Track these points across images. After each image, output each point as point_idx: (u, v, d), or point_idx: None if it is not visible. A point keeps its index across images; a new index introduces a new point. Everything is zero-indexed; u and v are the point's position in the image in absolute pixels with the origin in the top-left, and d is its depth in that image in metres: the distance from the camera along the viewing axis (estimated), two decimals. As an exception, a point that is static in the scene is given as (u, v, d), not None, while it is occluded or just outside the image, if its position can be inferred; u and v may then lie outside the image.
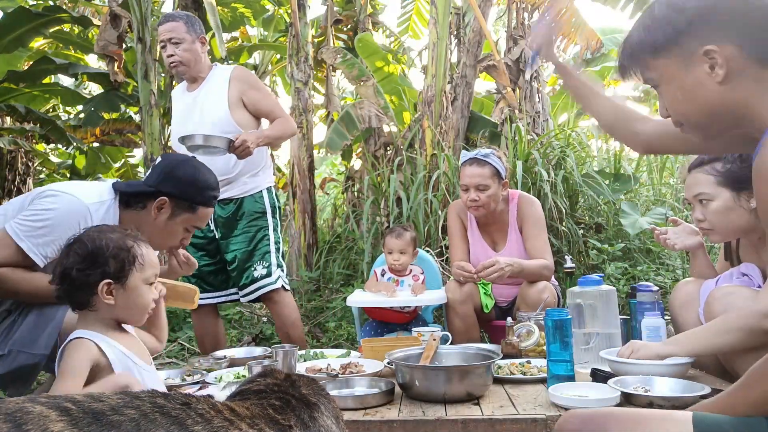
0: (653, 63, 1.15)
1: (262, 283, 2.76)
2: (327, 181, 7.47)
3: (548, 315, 1.83)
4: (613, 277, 3.73)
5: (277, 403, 0.94)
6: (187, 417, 0.76)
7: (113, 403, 0.72)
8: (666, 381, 1.65)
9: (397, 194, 4.49)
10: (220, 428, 0.77)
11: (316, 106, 6.94)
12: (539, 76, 5.50)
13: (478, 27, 5.21)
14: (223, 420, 0.79)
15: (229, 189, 2.76)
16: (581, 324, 2.10)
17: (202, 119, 2.74)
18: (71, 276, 1.44)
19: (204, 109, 2.77)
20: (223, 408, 0.83)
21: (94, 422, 0.68)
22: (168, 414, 0.74)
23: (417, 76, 10.13)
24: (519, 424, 1.55)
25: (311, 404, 0.98)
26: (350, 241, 4.92)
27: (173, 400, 0.78)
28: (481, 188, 2.70)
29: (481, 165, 2.71)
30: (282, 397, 0.96)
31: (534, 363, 2.07)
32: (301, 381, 1.05)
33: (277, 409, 0.92)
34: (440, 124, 5.00)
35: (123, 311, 1.49)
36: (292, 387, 1.01)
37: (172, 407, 0.76)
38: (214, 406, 0.82)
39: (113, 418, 0.69)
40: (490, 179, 2.70)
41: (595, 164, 5.09)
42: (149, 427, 0.71)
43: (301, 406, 0.96)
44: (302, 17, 5.31)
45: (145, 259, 1.50)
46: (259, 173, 2.84)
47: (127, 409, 0.71)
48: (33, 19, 5.83)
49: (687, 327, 1.99)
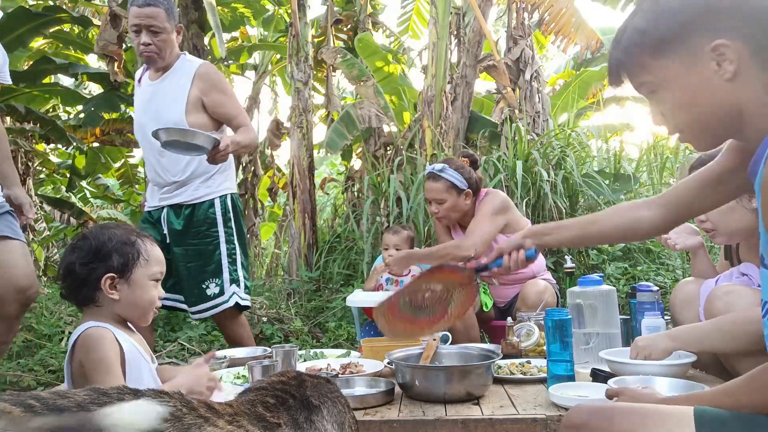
0: (652, 64, 1.05)
1: (214, 302, 2.57)
2: (327, 181, 7.48)
3: (548, 315, 1.82)
4: (613, 277, 3.73)
5: (271, 401, 0.92)
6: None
7: (79, 400, 0.70)
8: (666, 381, 1.65)
9: (397, 194, 4.49)
10: (191, 426, 0.75)
11: (316, 106, 6.94)
12: (539, 76, 5.50)
13: (478, 27, 5.21)
14: (197, 417, 0.77)
15: (180, 194, 2.58)
16: (581, 324, 2.10)
17: (157, 116, 2.54)
18: (75, 271, 1.44)
19: (160, 106, 2.57)
20: (199, 406, 0.81)
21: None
22: None
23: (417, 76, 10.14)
24: (519, 424, 1.55)
25: (312, 406, 0.96)
26: (350, 241, 4.92)
27: (143, 397, 0.76)
28: (438, 202, 2.78)
29: (435, 179, 2.78)
30: (279, 395, 0.95)
31: (534, 363, 2.06)
32: (311, 382, 1.04)
33: (269, 407, 0.91)
34: (440, 124, 5.00)
35: (127, 307, 1.48)
36: (299, 387, 1.00)
37: None
38: (188, 403, 0.80)
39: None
40: (445, 193, 2.76)
41: (595, 164, 5.09)
42: None
43: (299, 407, 0.95)
44: (302, 17, 5.31)
45: (150, 255, 1.49)
46: (213, 177, 2.60)
47: (93, 405, 0.70)
48: (33, 19, 5.83)
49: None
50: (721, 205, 1.37)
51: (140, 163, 7.97)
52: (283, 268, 5.70)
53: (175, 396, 0.80)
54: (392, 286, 2.87)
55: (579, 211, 4.41)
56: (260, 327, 4.09)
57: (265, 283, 5.53)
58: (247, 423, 0.84)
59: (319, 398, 1.00)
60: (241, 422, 0.83)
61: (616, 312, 2.15)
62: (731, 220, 1.85)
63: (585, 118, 7.82)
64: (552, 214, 3.98)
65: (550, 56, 11.97)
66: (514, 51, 5.46)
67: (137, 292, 1.47)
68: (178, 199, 2.58)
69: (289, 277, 5.08)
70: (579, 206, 4.46)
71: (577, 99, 6.34)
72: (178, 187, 2.58)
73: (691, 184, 1.32)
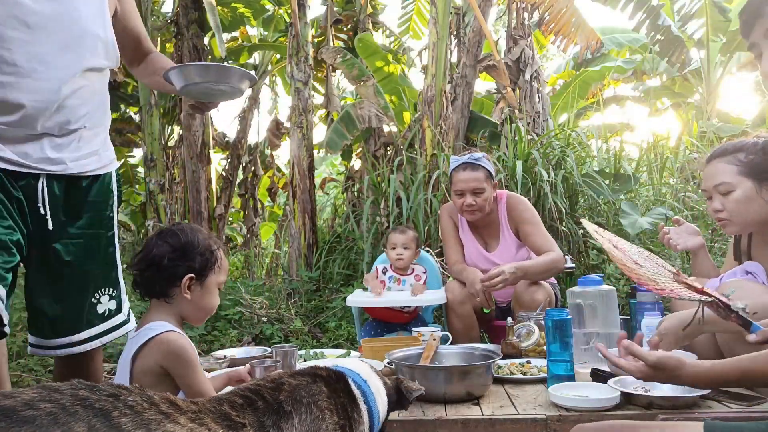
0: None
1: (109, 324, 1.72)
2: (327, 181, 7.47)
3: (548, 315, 1.83)
4: (613, 277, 3.72)
5: (239, 401, 0.91)
6: (113, 408, 0.72)
7: (27, 398, 0.68)
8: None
9: (397, 194, 4.49)
10: (151, 421, 0.74)
11: (316, 106, 6.94)
12: (539, 76, 5.50)
13: (478, 27, 5.21)
14: (157, 413, 0.76)
15: (64, 149, 1.60)
16: (581, 324, 2.10)
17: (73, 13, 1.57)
18: (162, 264, 1.47)
19: (74, 19, 1.57)
20: (160, 402, 0.79)
21: (2, 419, 0.64)
22: (91, 406, 0.71)
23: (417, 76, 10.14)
24: (519, 424, 1.55)
25: (283, 411, 0.94)
26: (350, 241, 4.92)
27: (99, 392, 0.74)
28: (477, 192, 2.69)
29: (474, 169, 2.70)
30: (248, 396, 0.94)
31: (534, 363, 2.07)
32: (290, 385, 1.01)
33: (235, 406, 0.89)
34: (440, 124, 5.00)
35: (194, 308, 1.53)
36: (274, 390, 0.98)
37: (97, 399, 0.72)
38: (149, 398, 0.78)
39: (26, 414, 0.66)
40: (485, 182, 2.70)
41: (595, 164, 5.08)
42: (68, 420, 0.67)
43: (267, 410, 0.93)
44: (302, 17, 5.31)
45: (222, 264, 1.57)
46: (107, 139, 1.78)
47: (43, 403, 0.68)
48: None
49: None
50: None
51: (139, 163, 7.97)
52: (283, 268, 5.70)
53: (135, 391, 0.79)
54: (395, 284, 2.87)
55: (579, 211, 4.41)
56: (260, 327, 4.09)
57: (265, 283, 5.53)
58: (211, 421, 0.82)
59: (292, 404, 0.97)
60: (204, 420, 0.82)
61: (616, 312, 2.15)
62: (749, 211, 1.82)
63: (585, 118, 7.83)
64: (552, 214, 3.98)
65: (550, 56, 11.98)
66: (514, 51, 5.46)
67: (206, 296, 1.53)
68: (57, 167, 1.59)
69: (289, 277, 5.08)
70: (579, 206, 4.46)
71: (577, 99, 6.34)
72: (66, 134, 1.60)
73: None
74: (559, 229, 4.01)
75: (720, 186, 1.86)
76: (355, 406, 1.11)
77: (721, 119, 7.40)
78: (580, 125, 6.89)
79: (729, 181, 1.84)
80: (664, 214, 4.00)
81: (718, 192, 1.88)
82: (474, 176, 2.69)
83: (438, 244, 4.12)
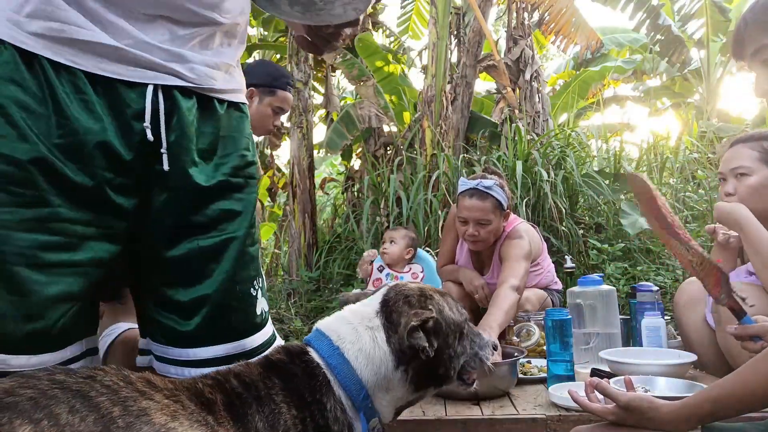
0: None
1: (265, 333, 1.23)
2: (327, 181, 7.48)
3: (548, 315, 1.83)
4: (613, 277, 3.72)
5: (209, 382, 0.90)
6: (90, 389, 0.73)
7: (6, 387, 0.69)
8: (666, 381, 1.65)
9: (397, 194, 4.49)
10: (128, 398, 0.75)
11: (315, 106, 6.94)
12: (539, 76, 5.50)
13: (478, 27, 5.21)
14: (134, 391, 0.77)
15: (214, 66, 1.13)
16: (581, 324, 2.10)
17: None
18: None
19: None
20: (137, 380, 0.80)
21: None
22: (69, 388, 0.72)
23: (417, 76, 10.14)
24: (519, 424, 1.55)
25: (242, 400, 0.90)
26: (350, 241, 4.92)
27: (75, 375, 0.75)
28: (482, 223, 2.42)
29: (482, 198, 2.40)
30: (217, 378, 0.91)
31: (534, 363, 2.06)
32: (248, 379, 0.94)
33: (207, 385, 0.89)
34: (440, 124, 5.00)
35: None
36: (235, 378, 0.93)
37: (74, 381, 0.74)
38: (125, 377, 0.79)
39: (6, 401, 0.67)
40: (491, 213, 2.41)
41: (595, 164, 5.09)
42: (48, 404, 0.68)
43: (233, 393, 0.90)
44: (302, 17, 5.30)
45: None
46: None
47: (22, 389, 0.69)
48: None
49: (691, 327, 1.99)
50: None
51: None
52: (283, 268, 5.70)
53: (110, 371, 0.79)
54: (392, 280, 2.87)
55: (579, 211, 4.41)
56: (260, 327, 4.09)
57: (265, 283, 5.53)
58: (185, 398, 0.82)
59: (249, 395, 0.91)
60: (180, 397, 0.82)
61: (616, 312, 2.15)
62: (761, 200, 1.79)
63: (585, 118, 7.83)
64: (552, 214, 3.98)
65: (550, 56, 11.98)
66: (514, 51, 5.46)
67: None
68: (210, 79, 1.12)
69: (289, 277, 5.08)
70: (579, 206, 4.46)
71: (577, 99, 6.34)
72: (205, 41, 1.11)
73: None
74: (559, 229, 4.01)
75: (738, 169, 1.83)
76: (315, 384, 0.97)
77: (721, 119, 7.40)
78: (580, 125, 6.89)
79: (748, 165, 1.82)
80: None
81: (734, 175, 1.85)
82: (480, 206, 2.40)
83: (438, 245, 4.13)
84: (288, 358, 0.99)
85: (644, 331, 2.05)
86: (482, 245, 2.51)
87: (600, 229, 4.36)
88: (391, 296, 1.07)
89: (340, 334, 1.03)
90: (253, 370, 0.95)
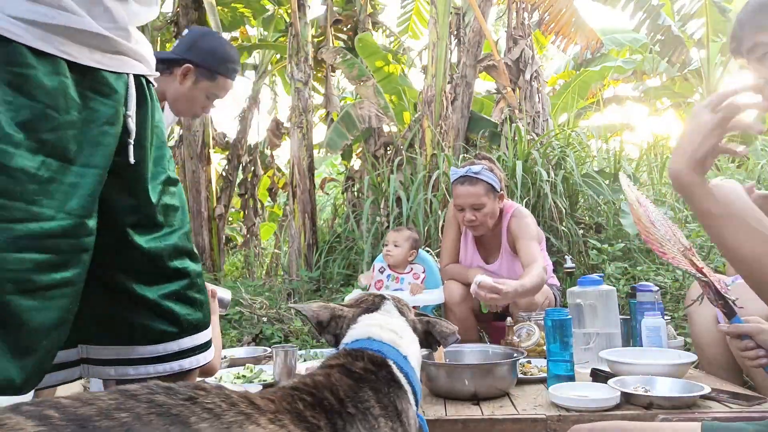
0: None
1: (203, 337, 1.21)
2: (327, 181, 7.47)
3: (548, 315, 1.83)
4: (613, 277, 3.72)
5: (308, 399, 0.86)
6: (191, 414, 0.69)
7: (104, 406, 0.65)
8: (666, 381, 1.65)
9: (397, 194, 4.49)
10: (232, 423, 0.70)
11: (315, 106, 6.95)
12: (539, 76, 5.50)
13: (478, 27, 5.21)
14: (238, 414, 0.72)
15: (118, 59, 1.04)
16: (581, 324, 2.10)
17: None
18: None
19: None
20: (239, 400, 0.75)
21: (78, 430, 0.61)
22: (167, 413, 0.67)
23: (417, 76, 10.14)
24: (519, 424, 1.55)
25: (347, 414, 0.88)
26: (350, 241, 4.92)
27: (177, 395, 0.70)
28: (476, 207, 2.54)
29: (473, 183, 2.54)
30: (315, 394, 0.87)
31: (534, 363, 2.06)
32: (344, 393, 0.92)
33: (307, 405, 0.84)
34: (440, 124, 5.00)
35: None
36: (329, 391, 0.90)
37: (174, 404, 0.69)
38: (227, 398, 0.74)
39: (99, 424, 0.63)
40: (484, 197, 2.54)
41: (595, 164, 5.08)
42: (141, 431, 0.64)
43: (336, 410, 0.87)
44: (302, 17, 5.31)
45: None
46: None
47: (119, 412, 0.65)
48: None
49: (702, 326, 1.98)
50: None
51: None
52: (283, 268, 5.70)
53: (213, 391, 0.74)
54: (393, 282, 2.87)
55: (579, 211, 4.41)
56: (260, 327, 4.09)
57: (265, 283, 5.53)
58: (289, 422, 0.78)
59: (354, 407, 0.89)
60: (284, 421, 0.77)
61: (616, 312, 2.15)
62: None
63: (585, 118, 7.82)
64: (552, 214, 3.98)
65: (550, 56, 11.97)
66: (514, 51, 5.46)
67: None
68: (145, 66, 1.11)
69: (289, 277, 5.08)
70: (579, 206, 4.46)
71: (577, 99, 6.34)
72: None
73: None
74: (559, 229, 4.01)
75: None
76: (401, 393, 0.99)
77: (721, 119, 7.39)
78: (580, 125, 6.89)
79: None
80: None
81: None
82: (472, 191, 2.53)
83: (438, 244, 4.13)
84: (374, 368, 0.99)
85: (644, 331, 2.05)
86: (483, 229, 2.61)
87: (600, 229, 4.36)
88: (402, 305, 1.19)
89: (401, 345, 1.08)
90: (342, 383, 0.93)
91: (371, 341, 1.06)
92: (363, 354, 1.02)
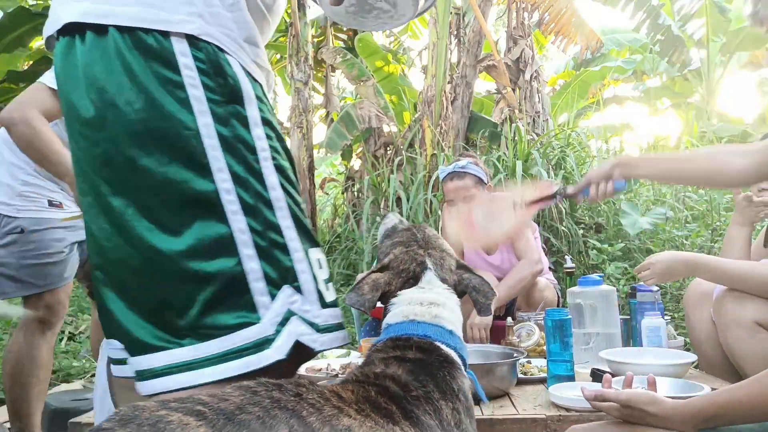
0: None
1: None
2: (327, 181, 7.48)
3: (548, 315, 1.82)
4: (613, 277, 3.72)
5: (376, 389, 0.91)
6: (301, 409, 0.76)
7: (237, 402, 0.72)
8: (666, 381, 1.65)
9: (397, 194, 4.49)
10: (331, 417, 0.77)
11: (315, 106, 6.95)
12: (539, 76, 5.50)
13: (478, 27, 5.21)
14: (332, 408, 0.79)
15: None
16: (581, 324, 2.10)
17: None
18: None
19: None
20: (330, 395, 0.82)
21: (227, 423, 0.69)
22: (285, 408, 0.75)
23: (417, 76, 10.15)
24: (519, 424, 1.55)
25: (412, 398, 0.92)
26: (350, 241, 4.92)
27: (286, 392, 0.78)
28: (467, 199, 2.65)
29: (460, 177, 2.68)
30: (382, 385, 0.92)
31: (534, 363, 2.06)
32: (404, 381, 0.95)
33: (381, 393, 0.90)
34: (440, 124, 5.00)
35: None
36: (393, 381, 0.94)
37: (287, 400, 0.76)
38: (322, 394, 0.81)
39: (242, 417, 0.71)
40: (473, 188, 2.66)
41: (595, 164, 5.08)
42: (272, 423, 0.72)
43: (400, 399, 0.91)
44: (302, 17, 5.31)
45: None
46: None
47: (251, 406, 0.73)
48: (33, 19, 5.82)
49: (700, 327, 1.98)
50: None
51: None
52: (283, 268, 5.69)
53: (309, 387, 0.81)
54: None
55: (579, 211, 4.41)
56: (260, 327, 4.09)
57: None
58: (370, 410, 0.84)
59: (416, 390, 0.94)
60: (367, 411, 0.83)
61: (616, 312, 2.15)
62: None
63: (585, 118, 7.83)
64: (552, 214, 3.98)
65: (550, 56, 11.98)
66: (514, 51, 5.46)
67: None
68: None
69: (289, 277, 5.07)
70: (579, 206, 4.46)
71: (577, 99, 6.35)
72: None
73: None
74: (559, 229, 4.01)
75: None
76: (454, 371, 1.00)
77: (721, 119, 7.40)
78: (580, 125, 6.89)
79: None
80: (664, 214, 4.00)
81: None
82: (461, 185, 2.66)
83: (438, 244, 4.13)
84: (424, 356, 1.00)
85: (644, 331, 2.05)
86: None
87: (600, 229, 4.36)
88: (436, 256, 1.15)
89: (446, 320, 1.05)
90: (400, 372, 0.95)
91: (415, 324, 1.04)
92: (410, 342, 1.01)
